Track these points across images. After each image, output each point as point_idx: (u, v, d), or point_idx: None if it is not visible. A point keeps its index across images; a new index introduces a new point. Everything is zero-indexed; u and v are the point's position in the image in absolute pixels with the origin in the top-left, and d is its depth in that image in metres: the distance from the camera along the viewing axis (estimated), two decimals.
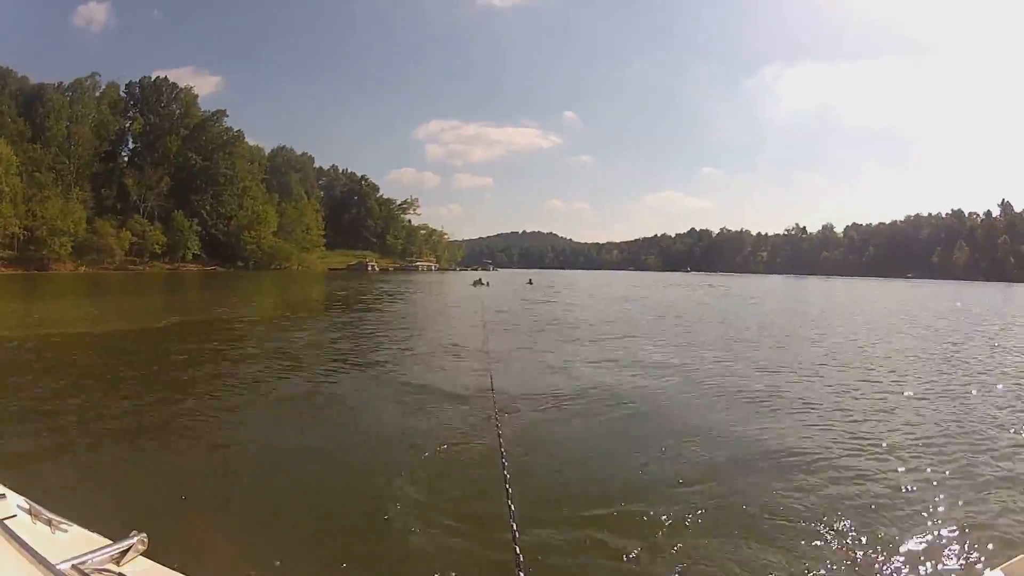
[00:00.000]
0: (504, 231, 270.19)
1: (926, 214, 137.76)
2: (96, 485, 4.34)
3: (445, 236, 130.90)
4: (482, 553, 3.40)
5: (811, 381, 9.06)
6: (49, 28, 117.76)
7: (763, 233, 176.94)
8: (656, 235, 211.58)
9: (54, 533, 1.47)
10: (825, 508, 4.10)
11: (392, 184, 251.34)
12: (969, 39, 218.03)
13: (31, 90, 67.27)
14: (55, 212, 57.33)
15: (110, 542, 1.40)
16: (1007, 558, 1.79)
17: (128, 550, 1.38)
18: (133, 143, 77.22)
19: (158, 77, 78.35)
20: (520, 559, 1.72)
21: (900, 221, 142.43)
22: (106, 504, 3.82)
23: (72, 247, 59.28)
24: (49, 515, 1.50)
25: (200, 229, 73.09)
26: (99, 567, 1.31)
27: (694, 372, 9.62)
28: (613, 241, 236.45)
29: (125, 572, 1.34)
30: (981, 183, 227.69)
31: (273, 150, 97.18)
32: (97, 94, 72.11)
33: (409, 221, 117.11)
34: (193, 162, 75.57)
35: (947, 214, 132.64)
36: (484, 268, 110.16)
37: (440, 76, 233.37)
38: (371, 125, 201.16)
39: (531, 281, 53.04)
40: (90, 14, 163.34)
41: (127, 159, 75.85)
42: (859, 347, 13.41)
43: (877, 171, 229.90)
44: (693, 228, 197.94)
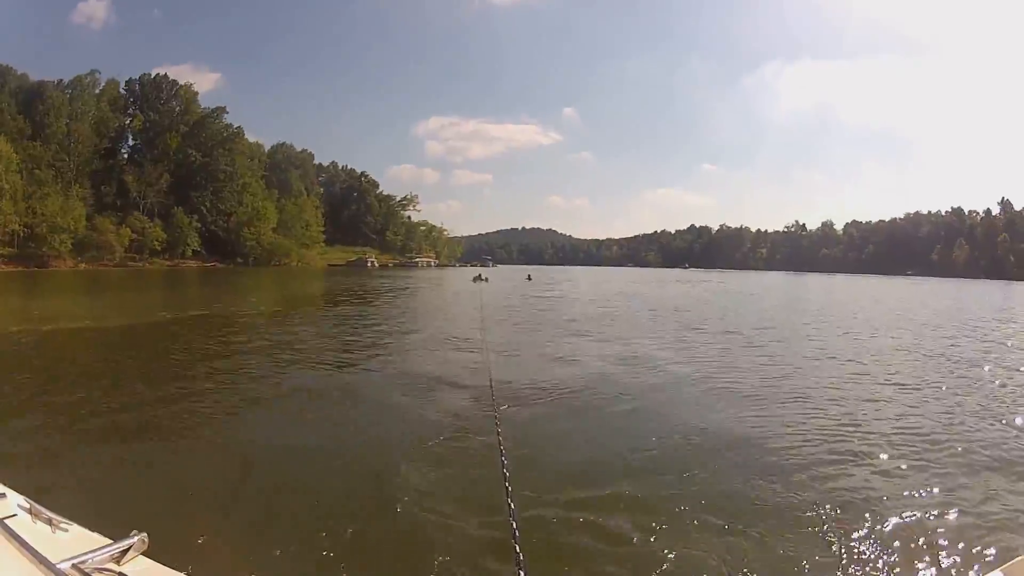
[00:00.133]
0: (504, 227, 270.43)
1: (926, 212, 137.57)
2: (96, 484, 4.33)
3: (445, 232, 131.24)
4: (483, 555, 3.40)
5: (811, 378, 9.04)
6: (49, 26, 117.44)
7: (763, 230, 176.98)
8: (656, 231, 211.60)
9: (54, 532, 1.47)
10: (822, 507, 4.10)
11: (392, 181, 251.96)
12: (969, 38, 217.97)
13: (31, 87, 66.89)
14: (55, 209, 57.11)
15: (110, 541, 1.40)
16: (1006, 559, 1.79)
17: (128, 549, 1.38)
18: (133, 140, 77.02)
19: (158, 74, 78.15)
20: (520, 558, 1.69)
21: (900, 219, 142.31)
22: (106, 503, 3.81)
23: (72, 244, 59.08)
24: (49, 514, 1.50)
25: (200, 226, 72.92)
26: (99, 566, 1.30)
27: (689, 365, 9.65)
28: (613, 237, 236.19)
29: (125, 571, 1.34)
30: (981, 181, 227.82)
31: (273, 147, 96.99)
32: (97, 91, 71.71)
33: (409, 217, 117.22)
34: (193, 159, 75.38)
35: (947, 212, 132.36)
36: (483, 264, 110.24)
37: (439, 73, 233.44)
38: (371, 122, 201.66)
39: (530, 277, 53.10)
40: (90, 11, 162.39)
41: (127, 156, 75.59)
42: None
43: (877, 169, 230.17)
44: (693, 225, 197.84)
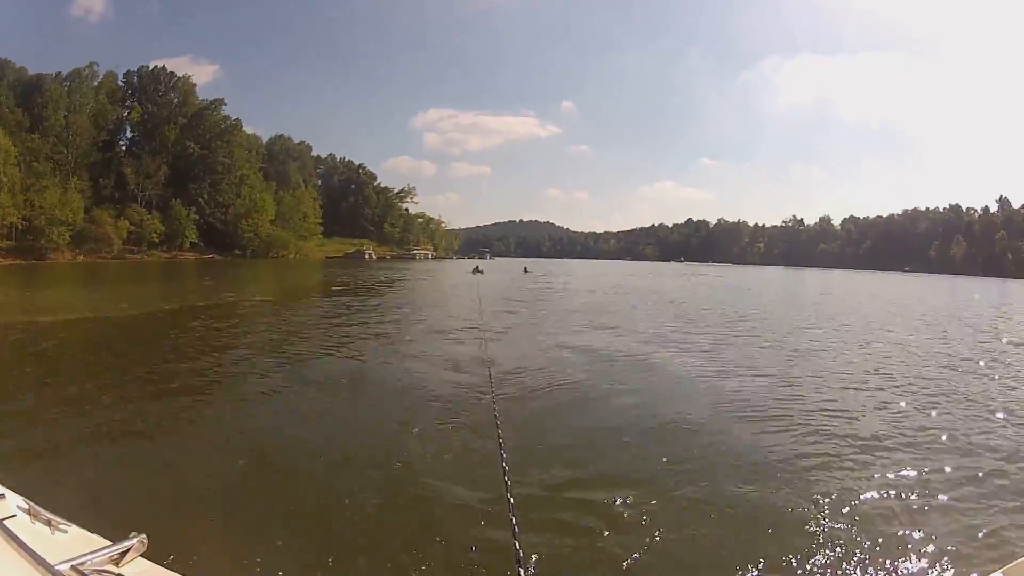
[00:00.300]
0: (502, 220, 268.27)
1: (924, 208, 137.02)
2: (96, 484, 4.33)
3: (442, 224, 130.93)
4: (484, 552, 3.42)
5: (810, 379, 9.09)
6: (47, 19, 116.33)
7: (760, 224, 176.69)
8: (653, 225, 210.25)
9: (53, 534, 1.46)
10: (821, 506, 4.11)
11: (389, 173, 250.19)
12: (968, 35, 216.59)
13: (29, 80, 66.42)
14: (53, 201, 56.83)
15: (110, 543, 1.39)
16: (1007, 561, 1.79)
17: (128, 551, 1.37)
18: (131, 132, 76.64)
19: (156, 66, 77.67)
20: (520, 555, 1.71)
21: (897, 215, 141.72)
22: (106, 504, 3.80)
23: (70, 236, 58.82)
24: (48, 515, 1.49)
25: (198, 217, 72.65)
26: (98, 568, 1.30)
27: (683, 360, 9.74)
28: (610, 231, 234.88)
29: (125, 573, 1.34)
30: (979, 178, 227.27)
31: (271, 139, 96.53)
32: (95, 84, 71.19)
33: (406, 209, 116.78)
34: (191, 151, 75.03)
35: (945, 208, 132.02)
36: (481, 256, 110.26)
37: (438, 65, 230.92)
38: (368, 114, 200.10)
39: (526, 269, 53.22)
40: (88, 4, 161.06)
41: (125, 148, 75.23)
42: (878, 337, 13.43)
43: (875, 165, 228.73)
44: (690, 218, 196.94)
